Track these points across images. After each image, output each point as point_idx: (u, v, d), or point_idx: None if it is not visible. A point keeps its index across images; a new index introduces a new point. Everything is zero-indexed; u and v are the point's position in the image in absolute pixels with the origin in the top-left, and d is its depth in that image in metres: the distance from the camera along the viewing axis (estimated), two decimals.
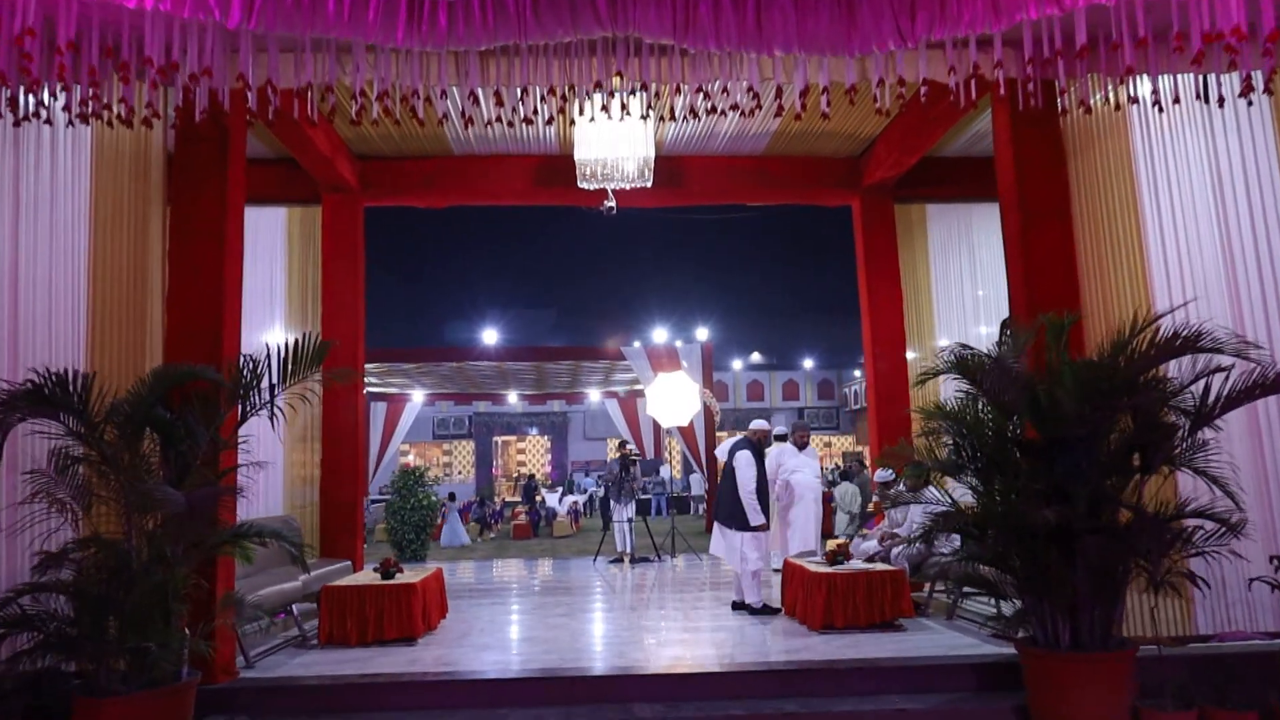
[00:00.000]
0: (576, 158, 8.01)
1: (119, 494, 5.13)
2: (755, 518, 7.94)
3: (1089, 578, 5.07)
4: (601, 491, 23.01)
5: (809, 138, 9.15)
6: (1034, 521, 4.94)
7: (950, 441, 5.73)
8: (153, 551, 5.10)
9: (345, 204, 9.41)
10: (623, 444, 13.42)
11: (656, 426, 28.97)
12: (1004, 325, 8.10)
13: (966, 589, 7.52)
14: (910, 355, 9.72)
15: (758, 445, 8.18)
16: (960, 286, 9.88)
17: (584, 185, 8.28)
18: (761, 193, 9.91)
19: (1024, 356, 5.48)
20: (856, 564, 7.61)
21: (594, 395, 28.86)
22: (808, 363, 35.79)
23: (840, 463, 30.73)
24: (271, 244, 9.48)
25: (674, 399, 12.48)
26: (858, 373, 35.98)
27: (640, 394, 29.02)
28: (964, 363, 5.57)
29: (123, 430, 5.24)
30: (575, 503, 22.83)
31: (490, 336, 22.33)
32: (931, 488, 8.52)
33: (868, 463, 29.84)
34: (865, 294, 9.75)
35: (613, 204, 9.18)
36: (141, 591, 4.98)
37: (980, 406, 5.71)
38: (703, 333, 25.09)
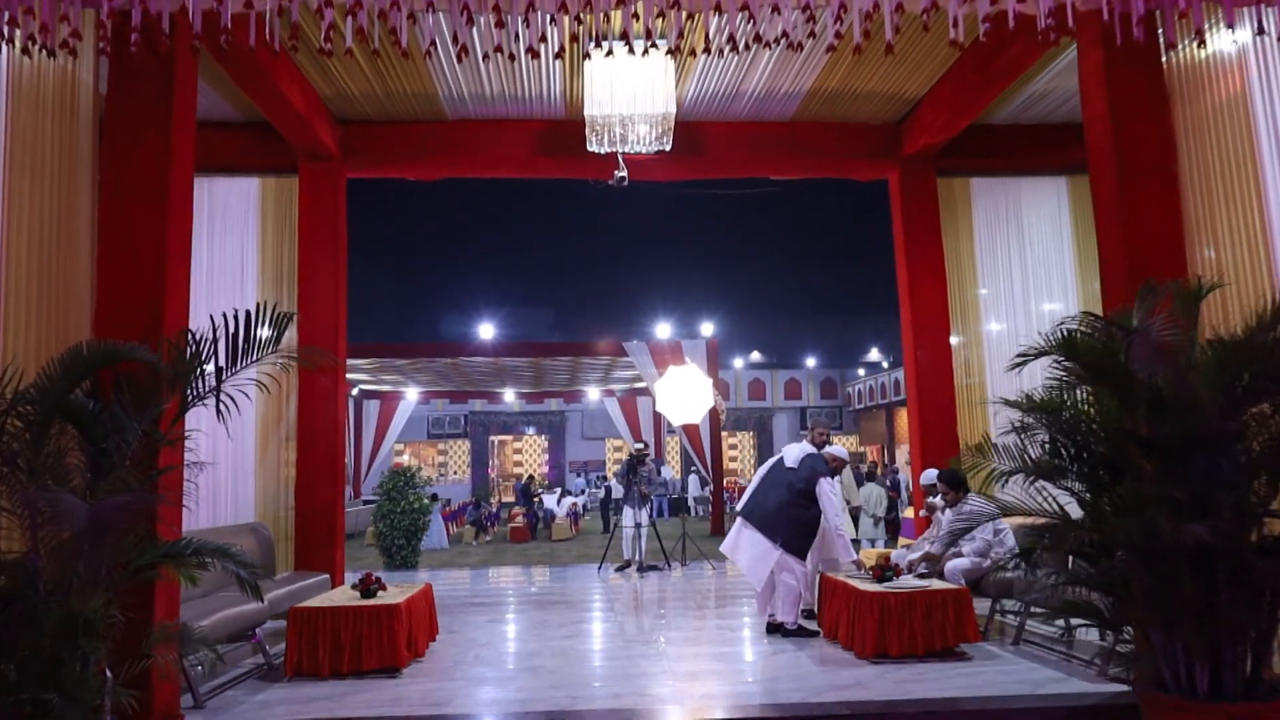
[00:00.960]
0: (586, 114, 6.91)
1: (20, 502, 4.04)
2: (845, 554, 7.06)
3: (1239, 608, 4.00)
4: (601, 493, 21.89)
5: (844, 100, 8.08)
6: (1178, 538, 3.86)
7: (1046, 440, 4.65)
8: (63, 575, 4.01)
9: (325, 174, 8.30)
10: (641, 442, 12.25)
11: (658, 426, 27.91)
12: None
13: (1034, 610, 6.47)
14: (954, 341, 8.65)
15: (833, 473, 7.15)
16: (1009, 269, 8.81)
17: (594, 148, 7.20)
18: (788, 163, 8.83)
19: (1153, 332, 4.38)
20: (909, 580, 6.54)
21: (593, 394, 27.77)
22: (810, 361, 34.74)
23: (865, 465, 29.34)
24: (242, 219, 8.38)
25: (685, 395, 11.40)
26: (861, 371, 34.95)
27: (641, 392, 27.95)
28: (1070, 341, 4.48)
29: (28, 422, 4.15)
30: (574, 504, 21.71)
31: (486, 332, 21.14)
32: (973, 495, 7.48)
33: (898, 463, 28.80)
34: (905, 276, 8.67)
35: (624, 174, 8.11)
36: (47, 626, 3.89)
37: (1082, 397, 4.64)
38: (708, 328, 23.99)
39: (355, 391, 26.69)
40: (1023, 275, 8.79)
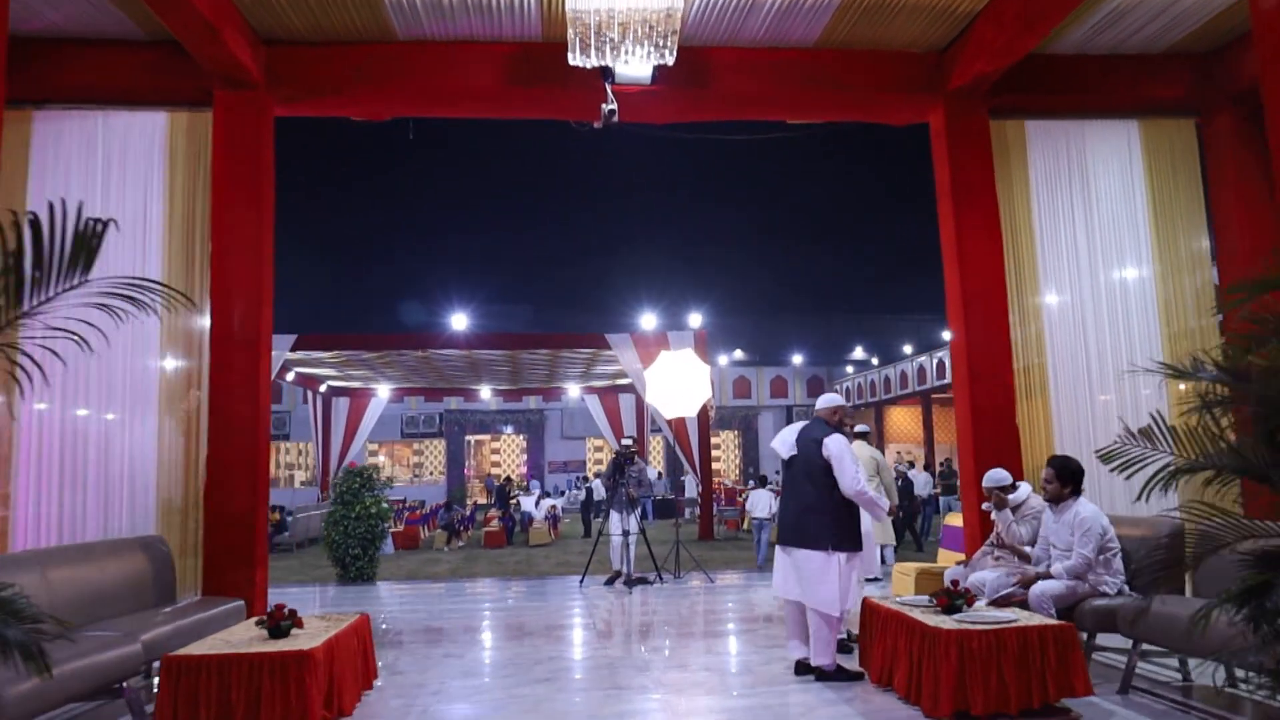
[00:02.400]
0: (569, 8, 5.30)
1: None
2: (878, 509, 5.53)
3: None
4: (582, 494, 20.24)
5: (882, 17, 6.49)
6: None
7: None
8: None
9: (246, 106, 6.63)
10: (629, 437, 10.63)
11: (642, 425, 26.27)
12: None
13: (1146, 646, 4.93)
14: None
15: (842, 429, 5.57)
16: (1070, 230, 7.26)
17: (578, 62, 5.59)
18: (808, 100, 7.24)
19: None
20: (985, 610, 4.96)
21: (573, 391, 26.11)
22: (797, 358, 33.23)
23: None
24: (145, 161, 6.70)
25: (679, 384, 9.79)
26: (850, 369, 33.49)
27: (624, 389, 26.28)
28: None
29: None
30: (553, 507, 20.05)
31: (459, 322, 19.43)
32: (1084, 499, 5.97)
33: (894, 459, 27.14)
34: (952, 237, 7.09)
35: (613, 107, 6.51)
36: None
37: None
38: (695, 319, 22.38)
39: (324, 388, 24.92)
40: (1088, 238, 7.25)
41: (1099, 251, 7.21)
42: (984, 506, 6.15)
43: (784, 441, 5.61)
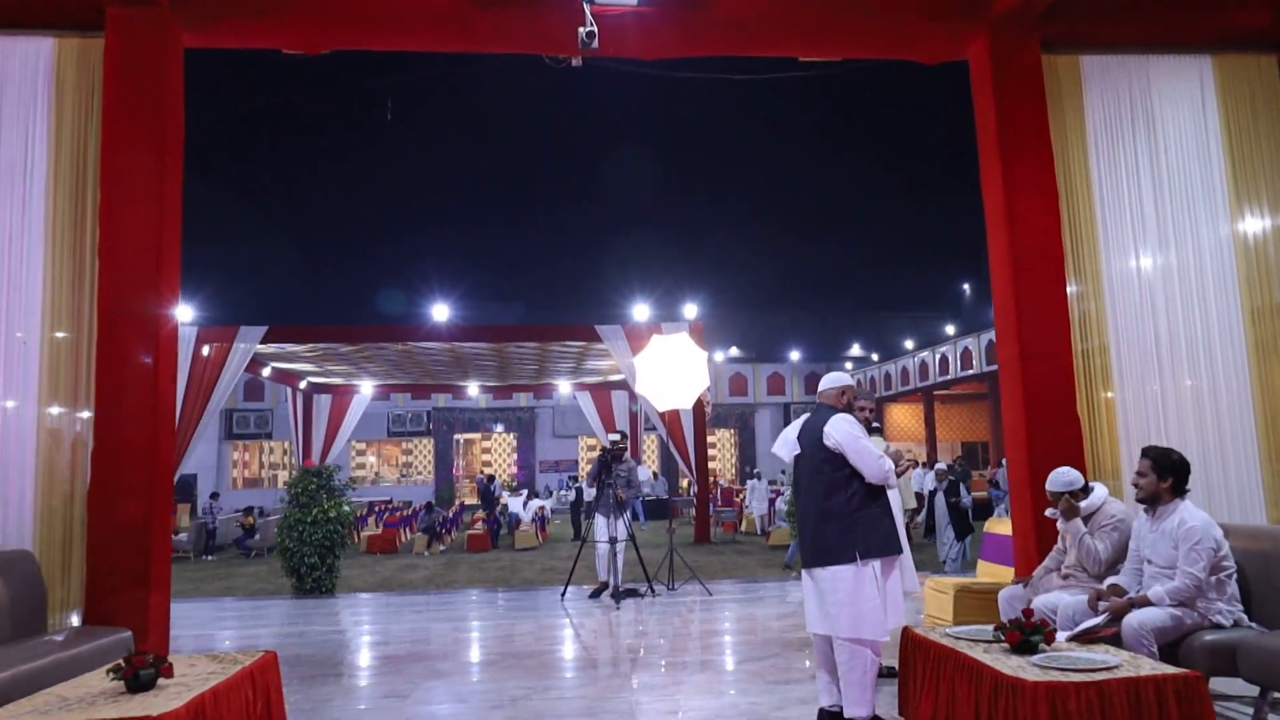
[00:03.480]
0: None
1: None
2: (884, 471, 4.09)
3: None
4: (571, 495, 19.05)
5: None
6: None
7: None
8: None
9: (145, 27, 5.39)
10: (617, 432, 9.33)
11: (635, 422, 25.03)
12: None
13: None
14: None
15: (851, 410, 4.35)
16: (1135, 184, 6.06)
17: None
18: (826, 29, 6.02)
19: None
20: (1070, 650, 3.76)
21: (564, 387, 24.89)
22: (794, 355, 32.03)
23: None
24: (27, 96, 5.46)
25: (673, 372, 8.57)
26: (849, 365, 32.31)
27: (616, 385, 25.07)
28: None
29: None
30: (541, 508, 18.83)
31: (441, 313, 18.19)
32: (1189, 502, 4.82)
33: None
34: (998, 193, 5.87)
35: (592, 29, 5.33)
36: None
37: None
38: (691, 310, 21.14)
39: (303, 385, 23.65)
40: (1154, 195, 6.04)
41: (1167, 211, 6.00)
42: (1048, 514, 4.94)
43: (786, 441, 4.38)
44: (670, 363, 8.55)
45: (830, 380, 4.48)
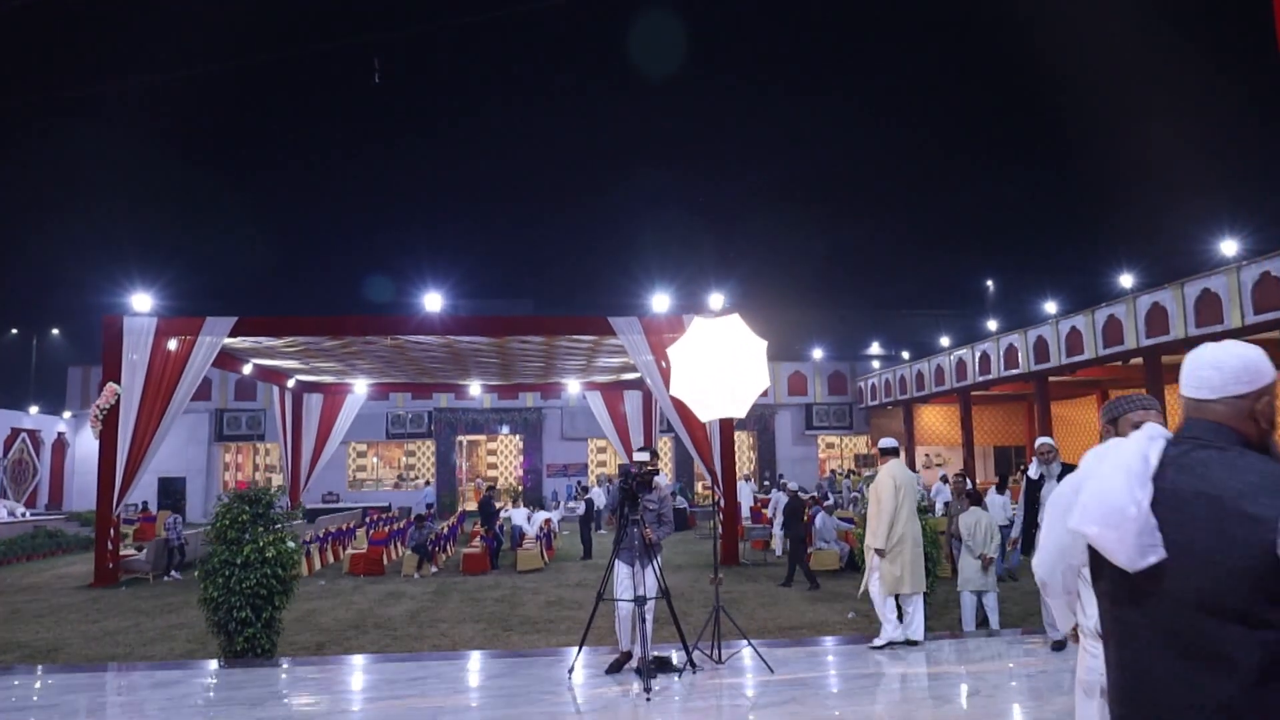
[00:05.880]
0: None
1: None
2: None
3: None
4: (581, 508, 16.66)
5: None
6: None
7: None
8: None
9: None
10: (645, 450, 6.63)
11: (648, 422, 22.59)
12: None
13: None
14: None
15: None
16: None
17: None
18: None
19: None
20: None
21: (573, 387, 22.52)
22: (816, 353, 29.59)
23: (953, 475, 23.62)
24: None
25: (722, 368, 6.16)
26: (876, 364, 29.86)
27: (629, 385, 22.60)
28: None
29: None
30: (547, 521, 16.43)
31: (434, 303, 15.80)
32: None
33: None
34: None
35: None
36: None
37: None
38: (717, 299, 18.72)
39: (291, 383, 21.32)
40: None
41: None
42: None
43: (1104, 503, 1.83)
44: (718, 356, 6.15)
45: (1225, 361, 1.67)
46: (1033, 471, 6.69)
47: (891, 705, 5.31)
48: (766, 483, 27.54)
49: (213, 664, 6.81)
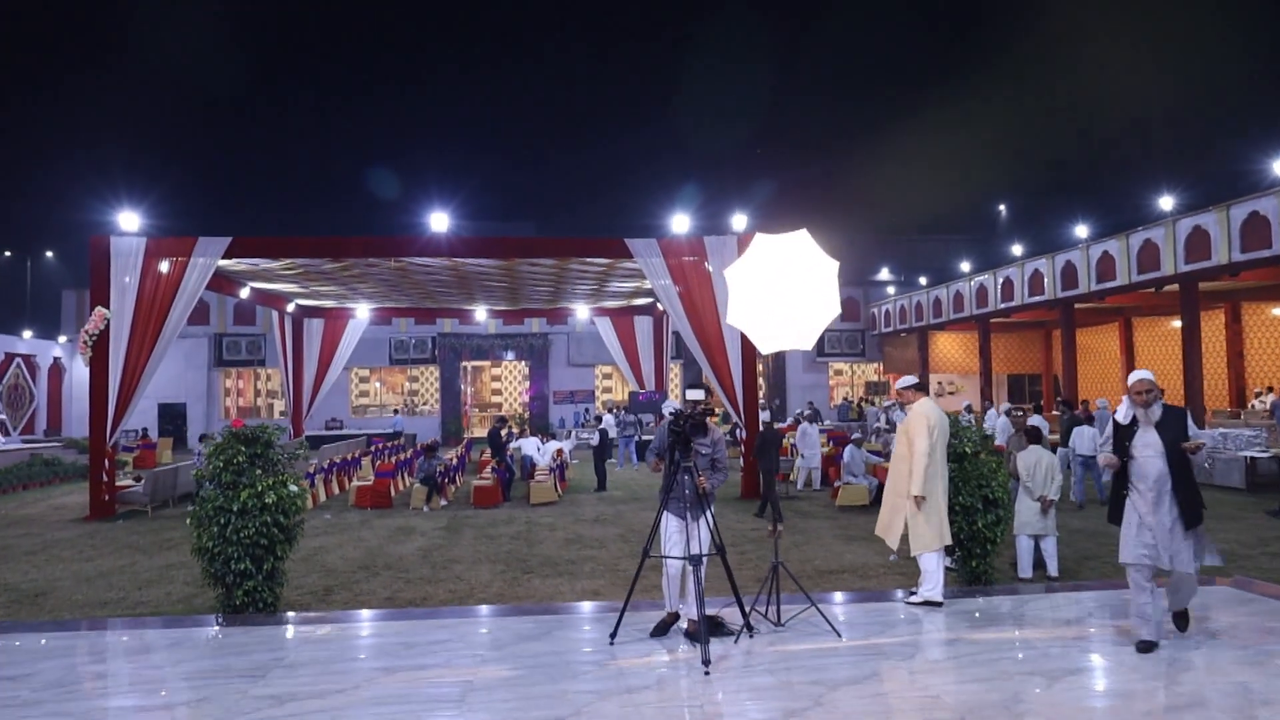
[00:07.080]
0: None
1: None
2: None
3: None
4: (594, 438, 15.86)
5: None
6: None
7: None
8: None
9: None
10: (698, 388, 5.72)
11: (659, 351, 21.69)
12: None
13: None
14: None
15: None
16: None
17: None
18: None
19: None
20: None
21: (582, 312, 21.56)
22: None
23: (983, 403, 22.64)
24: None
25: (787, 292, 5.23)
26: (891, 290, 28.86)
27: (640, 310, 21.60)
28: None
29: None
30: (560, 451, 15.66)
31: (441, 223, 14.72)
32: None
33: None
34: None
35: None
36: None
37: None
38: (740, 220, 17.61)
39: (291, 308, 20.33)
40: None
41: None
42: None
43: None
44: (784, 279, 5.21)
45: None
46: (1121, 414, 5.21)
47: (994, 683, 4.52)
48: (778, 404, 26.82)
49: (210, 627, 6.00)
